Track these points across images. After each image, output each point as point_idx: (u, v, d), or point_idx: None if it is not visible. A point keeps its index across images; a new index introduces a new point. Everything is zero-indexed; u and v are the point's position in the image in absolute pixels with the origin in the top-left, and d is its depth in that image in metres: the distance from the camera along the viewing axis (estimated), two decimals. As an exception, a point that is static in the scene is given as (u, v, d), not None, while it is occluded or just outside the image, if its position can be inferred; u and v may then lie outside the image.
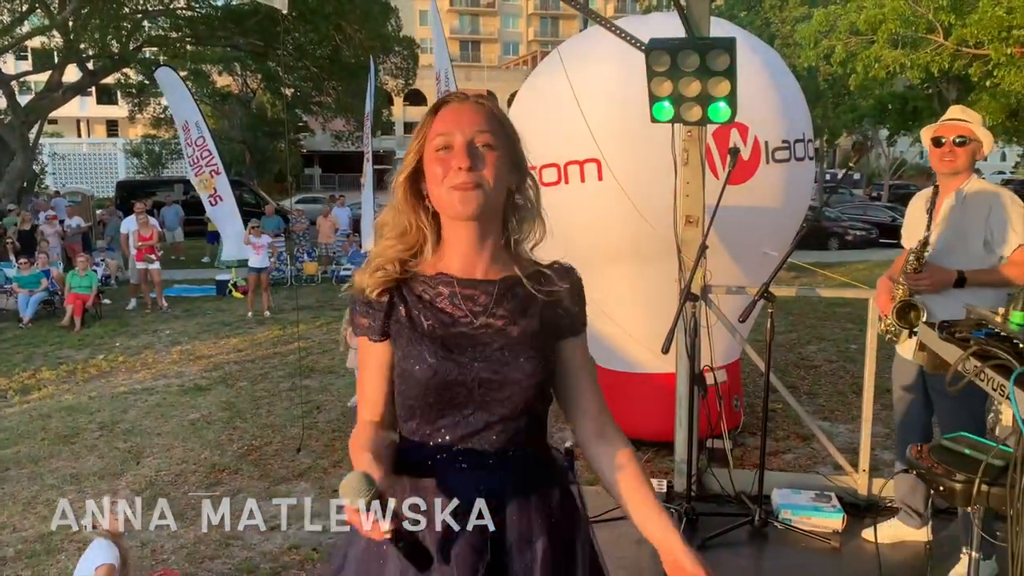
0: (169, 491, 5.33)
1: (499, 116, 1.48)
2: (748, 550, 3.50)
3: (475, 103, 1.47)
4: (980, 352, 1.61)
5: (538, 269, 1.52)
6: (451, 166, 1.40)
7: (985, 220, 3.03)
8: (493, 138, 1.43)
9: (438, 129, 1.44)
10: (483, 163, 1.41)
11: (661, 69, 3.03)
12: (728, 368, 5.64)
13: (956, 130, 3.11)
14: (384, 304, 1.47)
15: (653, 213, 4.61)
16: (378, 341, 1.48)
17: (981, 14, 12.11)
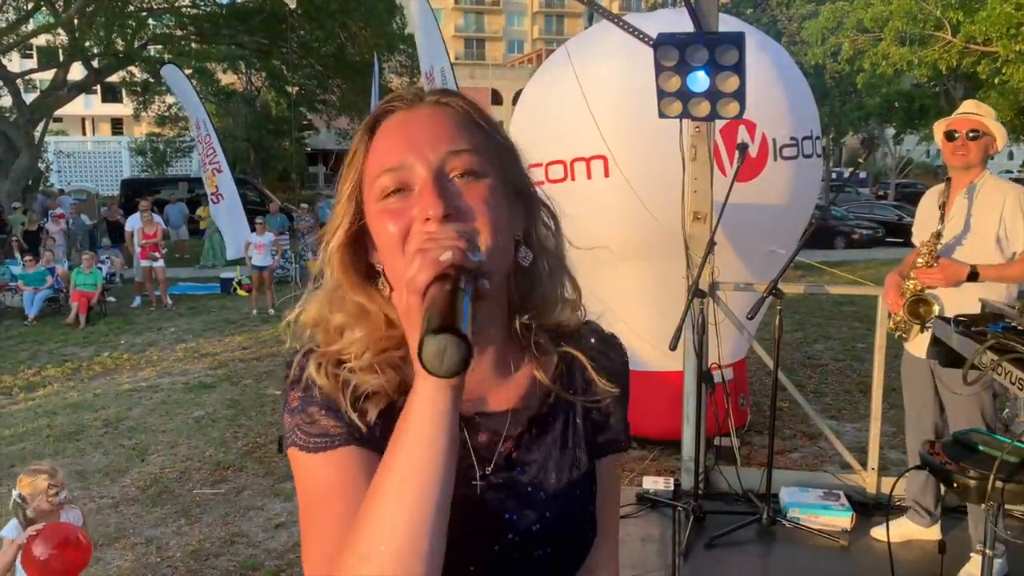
0: (174, 488, 5.33)
1: (479, 118, 0.92)
2: (756, 549, 3.47)
3: (433, 104, 0.91)
4: (997, 346, 1.59)
5: (567, 353, 0.97)
6: (411, 218, 0.84)
7: (999, 215, 3.01)
8: (477, 157, 0.87)
9: (381, 160, 0.87)
10: (468, 205, 0.84)
11: (669, 64, 3.01)
12: (735, 366, 5.62)
13: (969, 124, 3.09)
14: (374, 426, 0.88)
15: (660, 210, 4.58)
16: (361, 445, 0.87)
17: (989, 11, 12.04)
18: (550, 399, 0.96)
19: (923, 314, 2.97)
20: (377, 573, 0.74)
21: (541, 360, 0.96)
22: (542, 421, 0.95)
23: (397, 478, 0.75)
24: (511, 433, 0.93)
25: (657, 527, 3.60)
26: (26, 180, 18.94)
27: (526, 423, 0.94)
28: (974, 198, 3.11)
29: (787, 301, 3.39)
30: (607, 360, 1.01)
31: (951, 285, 3.05)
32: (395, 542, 0.74)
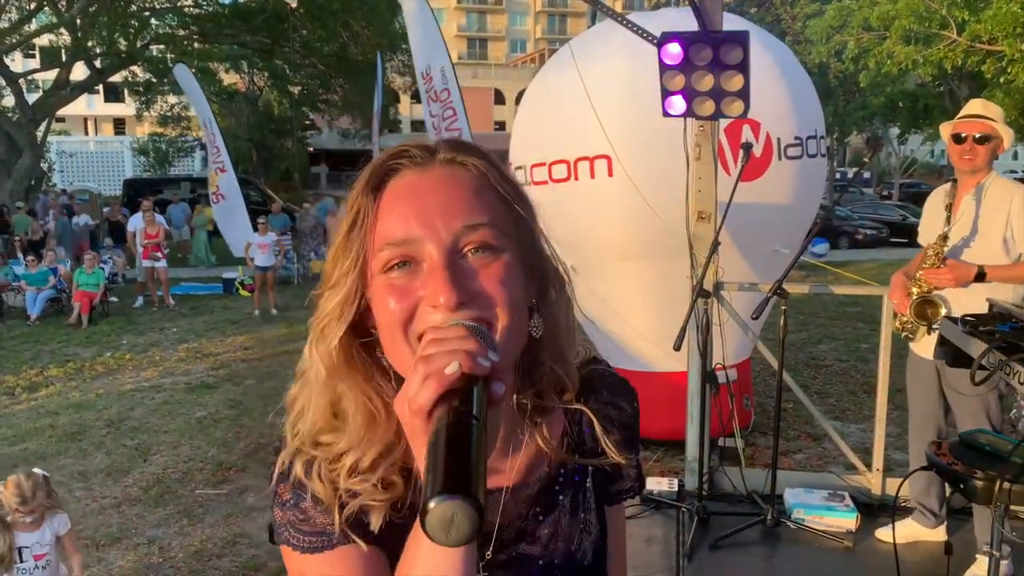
0: (176, 488, 5.32)
1: (497, 181, 0.83)
2: (760, 550, 3.46)
3: (448, 164, 0.82)
4: (1005, 345, 1.57)
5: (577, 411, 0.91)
6: (418, 300, 0.76)
7: (1006, 216, 2.99)
8: (494, 231, 0.79)
9: (385, 232, 0.78)
10: (483, 287, 0.77)
11: (673, 63, 2.99)
12: (739, 367, 5.59)
13: (977, 127, 3.07)
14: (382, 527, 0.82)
15: (664, 209, 4.57)
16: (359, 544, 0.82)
17: (995, 10, 12.01)
18: (564, 478, 0.91)
19: (930, 315, 2.95)
20: None
21: (546, 424, 0.88)
22: (550, 492, 0.90)
23: None
24: (520, 511, 0.87)
25: (661, 528, 3.58)
26: (29, 180, 18.95)
27: (535, 496, 0.88)
28: (981, 199, 3.08)
29: (791, 301, 3.37)
30: (617, 411, 0.95)
31: (959, 286, 3.03)
32: None
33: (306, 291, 0.98)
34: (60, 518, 3.36)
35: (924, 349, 3.21)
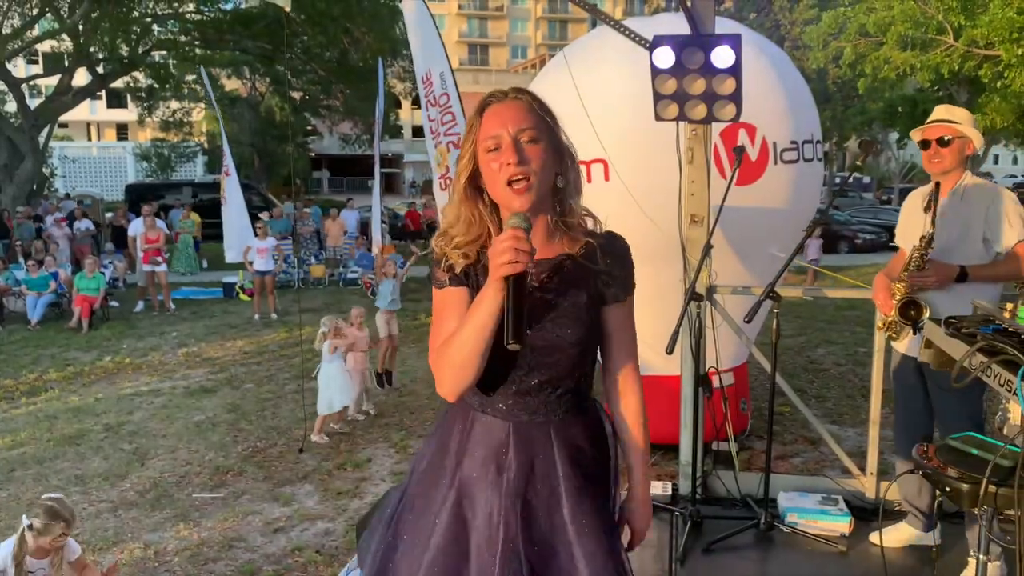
0: (173, 492, 5.32)
1: (537, 107, 1.64)
2: (754, 554, 3.45)
3: (513, 100, 1.64)
4: (987, 348, 1.57)
5: (588, 241, 1.68)
6: (502, 162, 1.58)
7: (984, 216, 3.05)
8: (535, 131, 1.59)
9: (486, 132, 1.61)
10: (529, 156, 1.58)
11: (665, 66, 3.00)
12: (735, 371, 5.59)
13: (939, 131, 3.14)
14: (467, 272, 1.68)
15: (660, 213, 4.56)
16: (459, 286, 1.67)
17: (992, 15, 12.00)
18: (571, 263, 1.67)
19: (914, 316, 2.96)
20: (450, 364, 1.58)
21: (573, 241, 1.68)
22: (562, 270, 1.67)
23: (465, 335, 1.55)
24: (541, 269, 1.65)
25: (654, 532, 3.56)
26: (30, 185, 19.00)
27: (554, 267, 1.67)
28: (960, 199, 3.15)
29: (789, 305, 3.38)
30: (612, 247, 1.72)
31: (942, 287, 3.06)
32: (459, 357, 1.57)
33: (306, 295, 1.00)
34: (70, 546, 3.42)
35: (908, 347, 3.23)
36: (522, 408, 1.67)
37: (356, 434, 6.45)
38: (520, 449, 1.66)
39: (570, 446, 1.68)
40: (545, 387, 1.66)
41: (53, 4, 18.23)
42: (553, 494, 1.67)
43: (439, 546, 1.68)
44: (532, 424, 1.67)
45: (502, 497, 1.65)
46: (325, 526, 4.81)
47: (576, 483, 1.67)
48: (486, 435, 1.69)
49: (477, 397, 1.70)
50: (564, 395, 1.67)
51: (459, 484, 1.70)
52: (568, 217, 1.67)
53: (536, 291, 1.62)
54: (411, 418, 6.85)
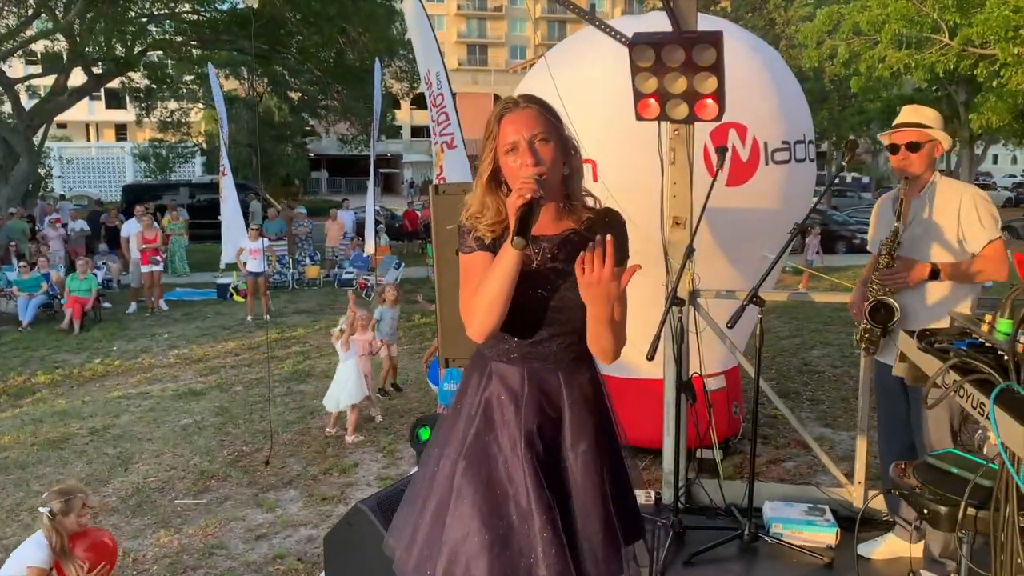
0: (155, 498, 5.25)
1: (546, 112, 1.96)
2: (736, 566, 3.35)
3: (525, 108, 1.95)
4: (960, 365, 1.48)
5: (589, 216, 2.01)
6: (521, 162, 1.89)
7: (956, 217, 3.04)
8: (546, 133, 1.91)
9: (505, 136, 1.92)
10: (542, 156, 1.89)
11: (645, 64, 2.92)
12: (727, 374, 5.51)
13: (906, 136, 3.14)
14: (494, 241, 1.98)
15: (647, 214, 4.49)
16: (486, 251, 1.96)
17: (987, 13, 11.88)
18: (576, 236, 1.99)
19: (884, 319, 2.90)
20: (480, 307, 1.88)
21: (577, 218, 2.01)
22: (569, 243, 1.99)
23: (492, 278, 1.85)
24: (552, 244, 1.99)
25: (636, 543, 3.48)
26: (26, 186, 18.92)
27: (562, 241, 1.99)
28: (929, 200, 3.13)
29: (785, 306, 3.30)
30: (610, 221, 2.02)
31: (914, 284, 3.03)
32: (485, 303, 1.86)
33: (301, 296, 0.93)
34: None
35: (886, 355, 3.17)
36: (534, 357, 2.01)
37: (344, 438, 6.38)
38: (533, 389, 2.00)
39: (576, 387, 2.04)
40: (556, 339, 2.00)
41: (48, 4, 18.14)
42: (560, 428, 2.02)
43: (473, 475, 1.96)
44: (544, 369, 2.01)
45: (521, 427, 1.97)
46: (308, 533, 4.73)
47: (580, 414, 2.02)
48: (504, 379, 2.02)
49: (495, 349, 2.04)
50: (571, 347, 2.01)
51: (482, 421, 2.01)
52: (573, 198, 2.00)
53: (548, 262, 1.96)
54: (400, 422, 6.77)
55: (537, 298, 1.96)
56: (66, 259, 14.16)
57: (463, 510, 1.94)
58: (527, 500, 1.90)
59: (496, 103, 2.03)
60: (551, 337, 2.00)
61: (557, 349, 2.01)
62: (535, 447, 1.95)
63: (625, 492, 2.15)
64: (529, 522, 1.89)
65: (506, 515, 1.92)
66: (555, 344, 2.00)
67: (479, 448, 1.99)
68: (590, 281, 1.75)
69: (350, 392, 6.38)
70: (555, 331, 1.99)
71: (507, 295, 1.84)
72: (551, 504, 1.91)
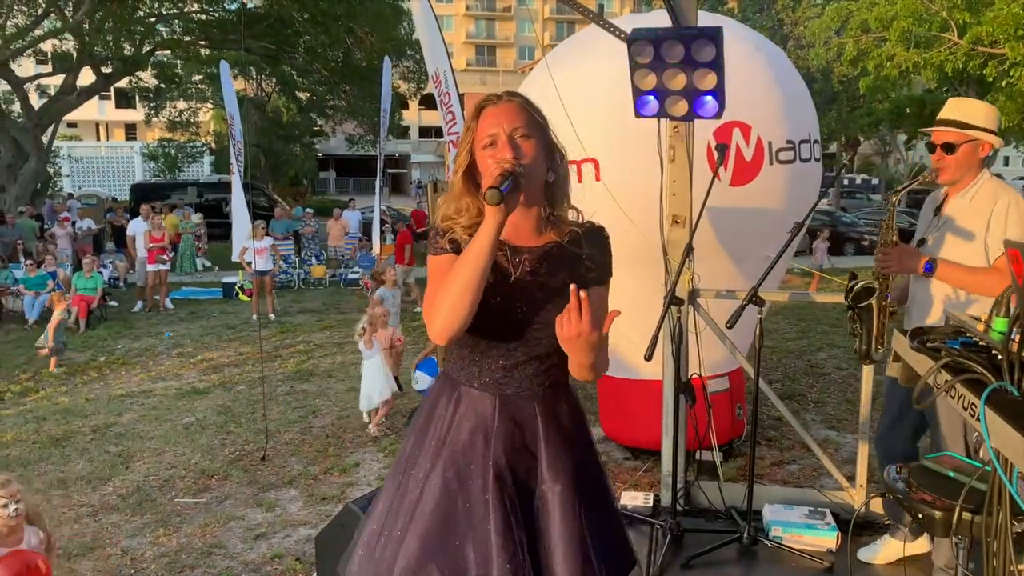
0: (155, 497, 5.24)
1: (529, 108, 1.81)
2: (734, 570, 3.30)
3: (508, 101, 1.81)
4: (952, 364, 1.43)
5: (573, 230, 1.86)
6: (499, 157, 1.73)
7: (987, 222, 2.80)
8: (528, 128, 1.76)
9: (484, 130, 1.77)
10: (523, 152, 1.74)
11: (644, 61, 2.88)
12: (731, 375, 5.46)
13: (943, 136, 2.90)
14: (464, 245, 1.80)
15: (648, 213, 4.45)
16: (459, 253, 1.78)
17: (997, 12, 11.76)
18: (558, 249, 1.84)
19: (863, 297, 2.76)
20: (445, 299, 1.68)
21: (559, 231, 1.85)
22: (550, 256, 1.83)
23: (462, 264, 1.68)
24: (532, 256, 1.82)
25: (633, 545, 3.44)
26: (35, 184, 19.00)
27: (544, 254, 1.83)
28: (967, 204, 2.91)
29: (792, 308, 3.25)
30: (594, 236, 1.89)
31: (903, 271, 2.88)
32: (453, 293, 1.67)
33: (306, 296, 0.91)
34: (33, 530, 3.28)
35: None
36: (509, 383, 1.82)
37: (346, 437, 6.36)
38: (506, 421, 1.81)
39: (553, 419, 1.84)
40: (532, 362, 1.82)
41: (57, 4, 18.22)
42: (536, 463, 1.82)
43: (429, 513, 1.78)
44: (518, 397, 1.82)
45: (489, 466, 1.77)
46: (307, 533, 4.71)
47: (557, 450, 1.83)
48: (473, 408, 1.83)
49: (464, 372, 1.85)
50: (549, 371, 1.83)
51: (446, 455, 1.81)
52: (557, 210, 1.85)
53: (528, 275, 1.80)
54: (402, 421, 6.75)
55: (514, 313, 1.79)
56: (73, 258, 14.21)
57: (413, 551, 1.75)
58: (488, 546, 1.71)
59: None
60: (528, 360, 1.81)
61: (533, 374, 1.82)
62: (505, 487, 1.76)
63: (612, 531, 1.95)
64: (488, 569, 1.71)
65: (463, 559, 1.73)
66: (531, 368, 1.82)
67: (440, 485, 1.78)
68: (570, 336, 1.58)
69: (381, 390, 6.45)
70: (532, 352, 1.81)
71: (477, 285, 1.65)
72: (517, 551, 1.72)
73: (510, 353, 1.80)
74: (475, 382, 1.83)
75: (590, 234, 1.87)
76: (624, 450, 5.71)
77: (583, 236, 1.86)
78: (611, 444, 5.79)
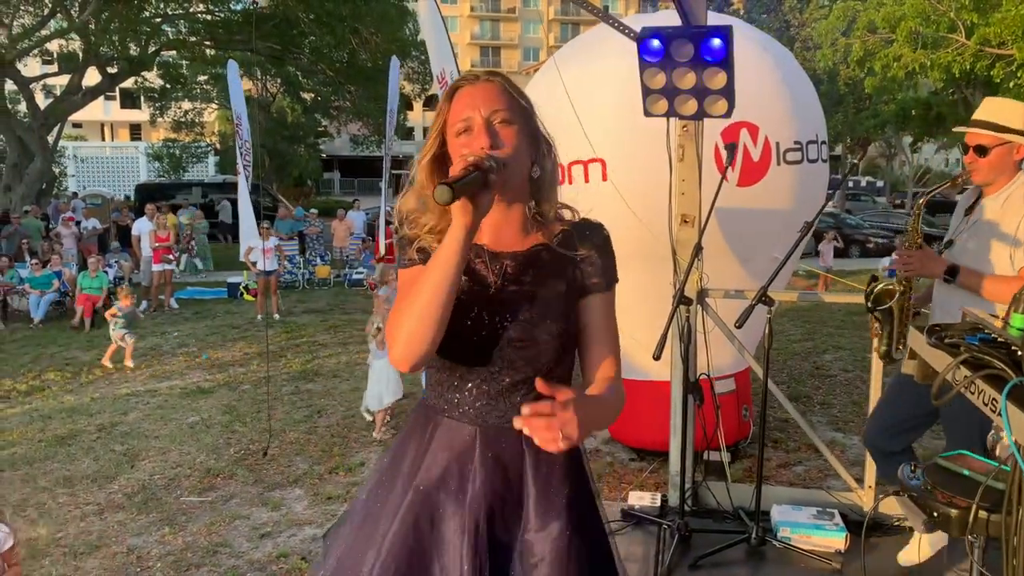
0: (161, 495, 5.24)
1: (511, 90, 1.54)
2: (742, 570, 3.29)
3: (486, 82, 1.53)
4: (971, 360, 1.42)
5: (565, 230, 1.59)
6: (473, 146, 1.46)
7: (1016, 227, 2.68)
8: (509, 113, 1.50)
9: (457, 114, 1.50)
10: (501, 140, 1.47)
11: (654, 60, 2.87)
12: (737, 377, 5.45)
13: (976, 139, 2.79)
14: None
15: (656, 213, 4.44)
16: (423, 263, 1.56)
17: (1004, 13, 11.73)
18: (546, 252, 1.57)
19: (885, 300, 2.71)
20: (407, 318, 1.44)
21: (547, 231, 1.59)
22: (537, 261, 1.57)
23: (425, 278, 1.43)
24: (516, 261, 1.56)
25: (641, 546, 3.43)
26: (40, 184, 19.05)
27: (529, 259, 1.56)
28: (999, 207, 2.78)
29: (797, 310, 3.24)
30: (590, 235, 1.60)
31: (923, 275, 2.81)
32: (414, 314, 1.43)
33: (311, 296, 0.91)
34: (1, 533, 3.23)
35: None
36: (491, 410, 1.54)
37: (351, 436, 6.36)
38: (487, 457, 1.53)
39: (544, 456, 1.50)
40: (519, 387, 1.52)
41: (63, 4, 18.27)
42: (521, 508, 1.54)
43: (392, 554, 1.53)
44: (502, 430, 1.52)
45: (465, 511, 1.51)
46: (313, 532, 4.71)
47: (546, 499, 1.54)
48: (449, 440, 1.55)
49: (443, 398, 1.58)
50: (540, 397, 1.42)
51: (415, 493, 1.55)
52: (543, 208, 1.57)
53: (511, 283, 1.54)
54: (406, 421, 6.74)
55: (494, 331, 1.51)
56: (79, 257, 14.24)
57: None
58: None
59: None
60: (514, 385, 1.53)
61: (521, 401, 1.49)
62: (482, 535, 1.51)
63: None
64: None
65: None
66: (519, 394, 1.52)
67: (411, 532, 1.53)
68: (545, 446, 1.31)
69: (393, 390, 6.40)
70: (518, 375, 1.52)
71: (443, 303, 1.40)
72: None
73: (492, 378, 1.53)
74: (454, 411, 1.56)
75: (585, 233, 1.59)
76: (630, 451, 5.70)
77: (577, 236, 1.58)
78: (616, 445, 5.78)
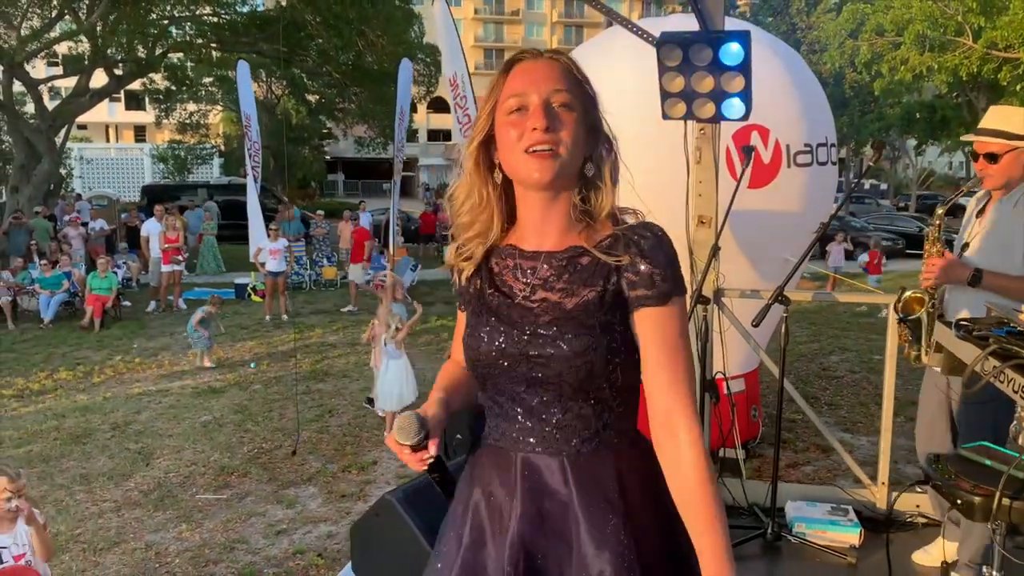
0: (177, 493, 5.30)
1: (577, 74, 1.35)
2: (760, 565, 3.34)
3: (550, 59, 1.35)
4: (1000, 351, 1.48)
5: (614, 234, 1.34)
6: (526, 128, 1.28)
7: None
8: (571, 97, 1.31)
9: (512, 89, 1.32)
10: (560, 125, 1.29)
11: (672, 64, 2.93)
12: (747, 377, 5.50)
13: (986, 146, 2.83)
14: (469, 279, 1.45)
15: (671, 214, 4.49)
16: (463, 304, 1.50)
17: (1012, 16, 11.79)
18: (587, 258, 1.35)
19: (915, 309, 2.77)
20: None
21: (593, 233, 1.36)
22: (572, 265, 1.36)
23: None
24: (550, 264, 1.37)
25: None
26: (47, 185, 19.13)
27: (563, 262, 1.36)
28: (1011, 209, 2.82)
29: (803, 312, 3.29)
30: (641, 238, 1.33)
31: (949, 282, 2.85)
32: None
33: (318, 297, 0.97)
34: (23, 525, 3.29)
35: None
36: (530, 434, 1.36)
37: (363, 436, 6.41)
38: (528, 488, 1.35)
39: (593, 490, 1.32)
40: (554, 407, 1.34)
41: (71, 6, 18.37)
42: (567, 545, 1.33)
43: None
44: (541, 456, 1.35)
45: (506, 550, 1.33)
46: (328, 529, 4.77)
47: (599, 532, 1.30)
48: (493, 469, 1.40)
49: (487, 421, 1.43)
50: (576, 421, 1.33)
51: (468, 532, 1.40)
52: (592, 208, 1.35)
53: (539, 289, 1.35)
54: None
55: (520, 346, 1.34)
56: (86, 258, 14.30)
57: None
58: None
59: None
60: (543, 405, 1.36)
61: (559, 424, 1.35)
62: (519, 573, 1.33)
63: None
64: None
65: None
66: (554, 417, 1.35)
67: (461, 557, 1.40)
68: None
69: (411, 390, 6.44)
70: (553, 394, 1.34)
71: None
72: None
73: (522, 397, 1.36)
74: (493, 436, 1.42)
75: (636, 235, 1.34)
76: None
77: (623, 241, 1.33)
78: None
